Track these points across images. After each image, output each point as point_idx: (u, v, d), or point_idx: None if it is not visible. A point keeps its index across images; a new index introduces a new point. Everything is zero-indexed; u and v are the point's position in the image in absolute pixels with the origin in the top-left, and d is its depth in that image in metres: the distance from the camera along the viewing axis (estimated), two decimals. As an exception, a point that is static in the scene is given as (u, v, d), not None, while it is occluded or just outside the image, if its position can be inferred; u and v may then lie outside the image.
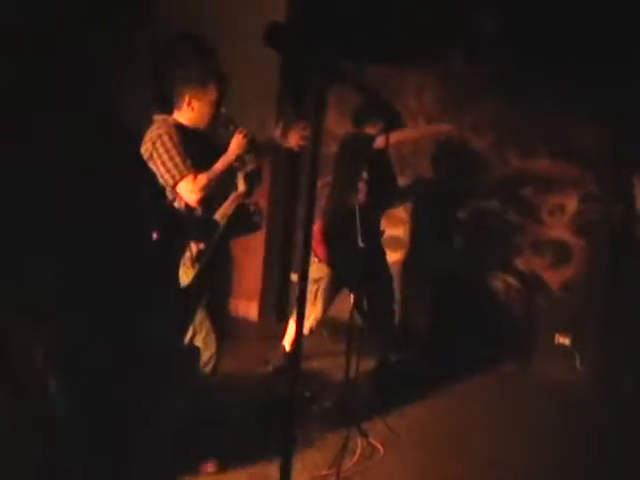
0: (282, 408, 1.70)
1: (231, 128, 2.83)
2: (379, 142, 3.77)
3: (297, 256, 5.09)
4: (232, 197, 2.78)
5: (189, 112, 2.83)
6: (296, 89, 5.03)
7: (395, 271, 4.65)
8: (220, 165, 2.80)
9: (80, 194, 1.27)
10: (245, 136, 2.81)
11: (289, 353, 3.95)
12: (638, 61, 4.13)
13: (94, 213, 1.29)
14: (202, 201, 2.75)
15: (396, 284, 4.52)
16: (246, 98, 4.75)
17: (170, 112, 2.88)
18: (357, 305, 3.71)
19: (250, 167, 2.82)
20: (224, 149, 2.84)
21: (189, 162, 2.73)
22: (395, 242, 4.97)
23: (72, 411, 1.31)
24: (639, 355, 4.24)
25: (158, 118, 2.85)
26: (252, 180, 2.80)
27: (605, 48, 4.18)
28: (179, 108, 2.84)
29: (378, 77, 4.94)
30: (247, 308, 5.24)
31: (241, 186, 2.89)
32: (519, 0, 4.58)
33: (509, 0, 4.67)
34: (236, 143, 2.81)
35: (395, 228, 5.00)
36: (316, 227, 3.82)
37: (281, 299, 5.37)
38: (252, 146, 2.83)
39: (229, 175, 2.84)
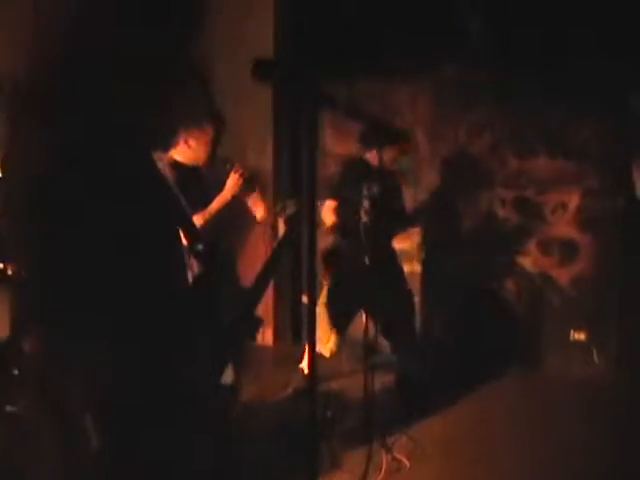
0: (304, 431, 1.72)
1: (227, 167, 2.87)
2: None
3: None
4: (277, 242, 2.83)
5: (186, 150, 2.87)
6: (291, 116, 5.09)
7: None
8: (216, 204, 2.83)
9: (115, 233, 1.27)
10: (241, 175, 2.85)
11: (309, 375, 3.95)
12: (631, 53, 4.17)
13: (128, 253, 1.29)
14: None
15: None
16: (243, 128, 4.82)
17: (165, 149, 2.91)
18: (375, 323, 3.73)
19: (291, 210, 2.86)
20: (221, 187, 2.88)
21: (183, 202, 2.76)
22: (402, 255, 4.99)
23: (106, 448, 1.33)
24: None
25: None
26: (293, 223, 2.83)
27: (598, 41, 4.21)
28: (175, 146, 2.88)
29: (371, 91, 5.00)
30: (261, 333, 5.25)
31: (281, 229, 2.96)
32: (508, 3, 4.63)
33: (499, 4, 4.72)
34: (232, 182, 2.85)
35: (402, 242, 5.03)
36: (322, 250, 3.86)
37: (295, 322, 5.39)
38: (249, 184, 2.87)
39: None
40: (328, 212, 3.86)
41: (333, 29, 4.78)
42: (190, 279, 1.79)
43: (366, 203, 3.82)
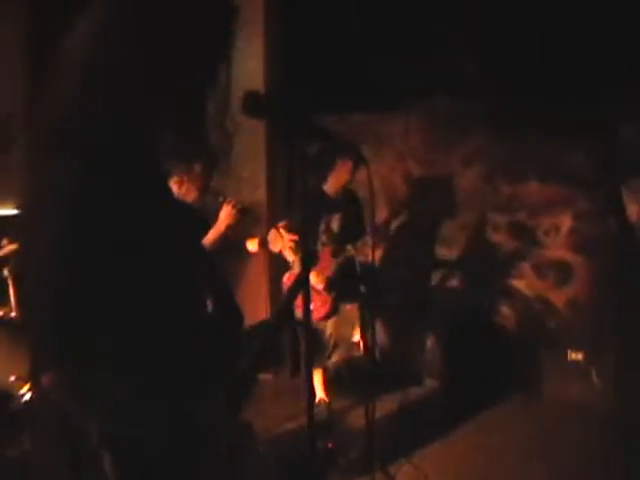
0: (307, 464, 1.71)
1: (220, 199, 2.90)
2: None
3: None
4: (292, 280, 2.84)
5: (177, 188, 2.88)
6: (284, 148, 5.13)
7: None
8: (211, 236, 2.85)
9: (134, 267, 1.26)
10: (234, 206, 2.87)
11: (329, 403, 4.07)
12: (620, 79, 4.23)
13: (146, 289, 1.28)
14: None
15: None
16: (237, 161, 4.86)
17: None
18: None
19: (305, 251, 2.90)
20: (214, 221, 2.90)
21: None
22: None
23: None
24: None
25: None
26: (308, 262, 2.85)
27: (589, 67, 4.28)
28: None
29: (363, 123, 5.05)
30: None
31: (296, 268, 3.13)
32: (499, 34, 4.70)
33: (489, 34, 4.79)
34: (225, 214, 2.88)
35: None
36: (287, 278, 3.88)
37: (293, 355, 5.35)
38: (242, 216, 2.90)
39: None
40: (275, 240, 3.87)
41: (325, 62, 4.84)
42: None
43: (323, 237, 3.87)
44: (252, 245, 3.19)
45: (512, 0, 4.56)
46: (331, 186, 3.94)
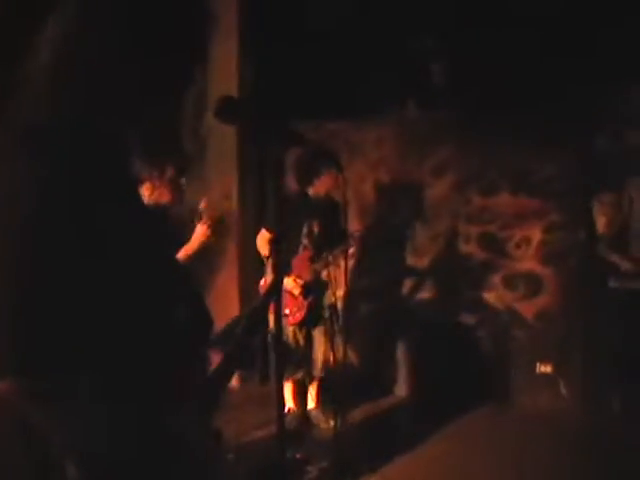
0: (276, 474, 1.69)
1: (195, 220, 2.89)
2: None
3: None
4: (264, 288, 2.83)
5: (149, 193, 2.86)
6: (256, 155, 5.12)
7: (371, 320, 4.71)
8: (183, 253, 2.84)
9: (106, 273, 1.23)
10: (209, 227, 2.87)
11: (299, 412, 4.19)
12: (590, 94, 4.30)
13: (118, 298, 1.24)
14: None
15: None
16: (209, 170, 4.83)
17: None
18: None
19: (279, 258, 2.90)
20: (186, 231, 2.89)
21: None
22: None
23: None
24: (620, 374, 4.29)
25: None
26: (281, 270, 2.85)
27: (560, 84, 4.34)
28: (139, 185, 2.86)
29: (335, 131, 5.06)
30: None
31: (269, 276, 3.18)
32: (469, 44, 4.75)
33: (459, 44, 4.84)
34: (200, 233, 2.88)
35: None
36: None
37: (263, 362, 5.31)
38: (216, 232, 2.90)
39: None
40: (263, 243, 3.86)
41: (298, 70, 4.84)
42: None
43: (305, 240, 3.90)
44: (201, 228, 3.01)
45: (484, 6, 4.62)
46: (315, 191, 3.98)
